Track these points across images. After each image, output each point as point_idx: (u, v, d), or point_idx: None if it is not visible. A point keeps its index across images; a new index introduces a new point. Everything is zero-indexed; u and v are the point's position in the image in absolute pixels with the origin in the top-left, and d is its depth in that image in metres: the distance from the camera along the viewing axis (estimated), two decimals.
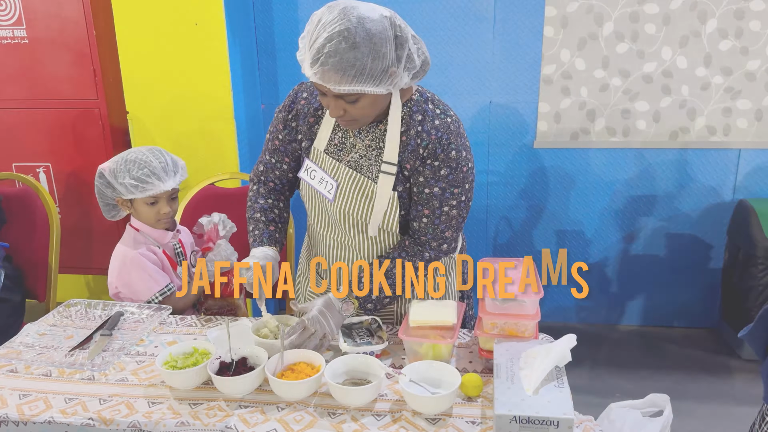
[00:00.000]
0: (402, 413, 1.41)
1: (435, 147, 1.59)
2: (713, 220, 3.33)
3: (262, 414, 1.42)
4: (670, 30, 3.07)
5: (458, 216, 1.67)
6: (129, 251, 1.98)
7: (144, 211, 1.99)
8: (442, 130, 1.59)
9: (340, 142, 1.69)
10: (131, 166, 1.93)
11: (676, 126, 3.20)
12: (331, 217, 1.75)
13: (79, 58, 3.15)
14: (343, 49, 1.39)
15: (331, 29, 1.39)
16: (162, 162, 1.95)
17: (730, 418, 2.75)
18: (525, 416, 1.23)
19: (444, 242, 1.70)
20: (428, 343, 1.54)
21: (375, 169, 1.66)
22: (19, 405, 1.48)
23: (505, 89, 3.26)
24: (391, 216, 1.68)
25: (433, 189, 1.62)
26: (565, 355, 1.36)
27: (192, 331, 1.81)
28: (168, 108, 3.13)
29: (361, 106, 1.51)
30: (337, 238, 1.77)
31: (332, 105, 1.51)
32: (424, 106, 1.62)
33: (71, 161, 3.34)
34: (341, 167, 1.68)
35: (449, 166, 1.60)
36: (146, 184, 1.93)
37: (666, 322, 3.55)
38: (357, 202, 1.68)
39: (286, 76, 3.40)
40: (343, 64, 1.40)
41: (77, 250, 3.42)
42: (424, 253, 1.70)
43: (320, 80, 1.44)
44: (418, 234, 1.69)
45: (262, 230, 1.79)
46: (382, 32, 1.42)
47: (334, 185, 1.68)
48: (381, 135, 1.65)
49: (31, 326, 1.84)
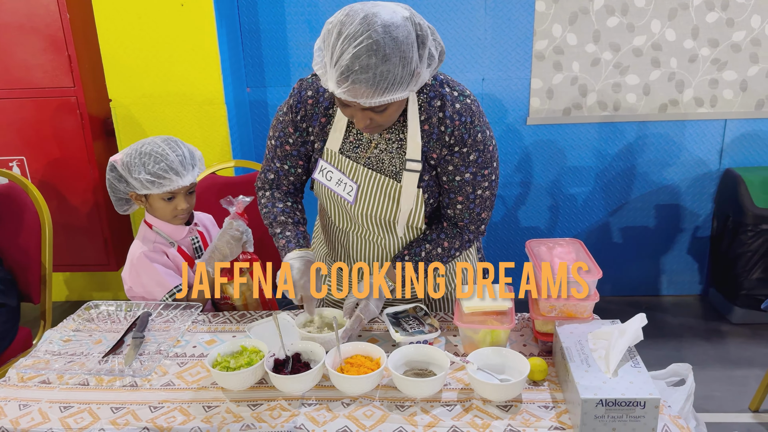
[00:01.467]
0: (471, 402, 1.39)
1: (461, 132, 1.54)
2: (701, 190, 3.41)
3: (329, 411, 1.37)
4: (659, 3, 3.09)
5: (491, 196, 1.65)
6: (137, 250, 1.88)
7: (160, 207, 1.88)
8: (465, 114, 1.54)
9: (356, 139, 1.62)
10: (146, 159, 1.81)
11: (665, 98, 3.25)
12: (354, 219, 1.69)
13: (52, 43, 2.96)
14: (374, 64, 1.31)
15: (358, 44, 1.30)
16: (180, 155, 1.84)
17: (731, 381, 2.85)
18: (611, 399, 1.22)
19: (482, 224, 1.68)
20: (486, 329, 1.51)
21: (398, 164, 1.60)
22: (62, 419, 1.39)
23: (497, 66, 3.24)
24: (418, 213, 1.64)
25: (465, 175, 1.59)
26: (638, 334, 1.36)
27: (229, 328, 1.74)
28: (154, 94, 2.99)
29: (389, 113, 1.44)
30: (361, 235, 1.73)
31: (359, 116, 1.43)
32: (440, 90, 1.55)
33: (48, 154, 3.15)
34: (359, 168, 1.61)
35: (477, 149, 1.56)
36: (163, 179, 1.81)
37: (656, 291, 3.64)
38: (380, 204, 1.63)
39: (272, 58, 3.29)
40: (376, 79, 1.32)
41: (58, 247, 3.24)
42: (464, 236, 1.68)
43: (350, 96, 1.36)
44: (454, 220, 1.67)
45: (294, 231, 1.68)
46: (408, 37, 1.34)
47: (354, 187, 1.62)
48: (401, 127, 1.58)
49: (52, 332, 1.73)
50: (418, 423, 1.33)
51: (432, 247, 1.66)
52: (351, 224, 1.72)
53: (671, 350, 3.08)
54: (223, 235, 1.89)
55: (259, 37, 3.26)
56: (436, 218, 1.72)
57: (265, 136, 3.41)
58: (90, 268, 3.45)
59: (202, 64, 2.92)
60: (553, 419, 1.33)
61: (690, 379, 1.67)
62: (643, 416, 1.23)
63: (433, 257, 1.66)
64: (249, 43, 3.27)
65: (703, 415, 2.38)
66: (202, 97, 2.97)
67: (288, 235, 1.68)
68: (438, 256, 1.66)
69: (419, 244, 1.67)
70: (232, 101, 3.08)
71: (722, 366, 2.97)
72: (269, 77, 3.33)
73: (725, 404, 2.69)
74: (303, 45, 3.24)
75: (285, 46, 3.26)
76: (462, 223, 1.66)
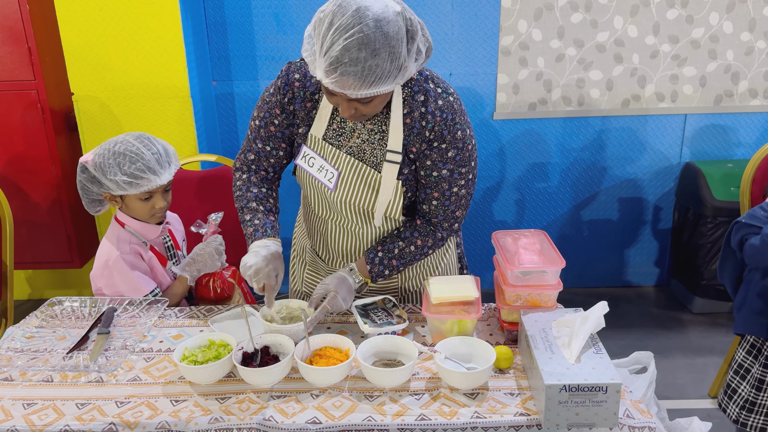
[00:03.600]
0: (439, 390, 1.41)
1: (441, 129, 1.56)
2: (662, 183, 3.50)
3: (297, 403, 1.38)
4: None
5: (467, 194, 1.66)
6: (113, 251, 1.83)
7: (137, 206, 1.85)
8: (447, 111, 1.56)
9: (339, 127, 1.63)
10: (121, 160, 1.77)
11: (627, 94, 3.32)
12: (333, 206, 1.70)
13: (10, 35, 2.89)
14: (364, 58, 1.32)
15: (349, 36, 1.31)
16: (155, 153, 1.80)
17: (691, 368, 2.93)
18: (574, 384, 1.25)
19: (455, 222, 1.69)
20: (453, 319, 1.53)
21: (379, 155, 1.62)
22: (26, 416, 1.37)
23: (464, 61, 3.27)
24: (396, 205, 1.65)
25: (442, 171, 1.60)
26: (600, 322, 1.39)
27: (196, 322, 1.73)
28: (118, 88, 2.94)
29: (374, 104, 1.46)
30: (340, 224, 1.73)
31: (344, 106, 1.45)
32: (425, 85, 1.57)
33: (8, 149, 3.07)
34: (341, 155, 1.62)
35: (456, 147, 1.58)
36: (141, 179, 1.77)
37: (619, 281, 3.72)
38: (360, 192, 1.64)
39: (238, 51, 3.26)
40: (364, 72, 1.34)
41: (19, 245, 3.17)
42: (437, 233, 1.69)
43: (337, 87, 1.38)
44: (428, 216, 1.68)
45: (263, 220, 1.67)
46: (398, 32, 1.35)
47: (335, 174, 1.63)
48: (384, 119, 1.60)
49: (14, 329, 1.70)
50: (387, 412, 1.34)
51: (405, 245, 1.67)
52: (330, 212, 1.72)
53: (634, 339, 3.15)
54: (207, 247, 1.90)
55: (225, 30, 3.23)
56: (413, 212, 1.73)
57: (232, 130, 3.39)
58: (53, 265, 3.38)
59: (166, 56, 2.88)
60: (518, 406, 1.35)
61: (651, 367, 1.72)
62: (605, 401, 1.26)
63: (406, 254, 1.67)
64: (215, 36, 3.24)
65: (665, 401, 2.44)
66: (167, 90, 2.93)
67: (257, 223, 1.66)
68: (411, 254, 1.68)
69: (393, 241, 1.68)
70: (198, 95, 3.05)
71: (683, 354, 3.05)
72: (235, 71, 3.30)
73: (686, 391, 2.77)
74: (270, 38, 3.22)
75: (251, 39, 3.23)
76: (436, 219, 1.68)
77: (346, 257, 1.78)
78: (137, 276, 1.82)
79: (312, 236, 1.85)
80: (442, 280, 1.65)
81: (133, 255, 1.85)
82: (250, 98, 3.33)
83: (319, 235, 1.81)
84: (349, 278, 1.64)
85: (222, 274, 1.95)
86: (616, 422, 1.28)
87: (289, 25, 3.18)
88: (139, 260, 1.86)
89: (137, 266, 1.84)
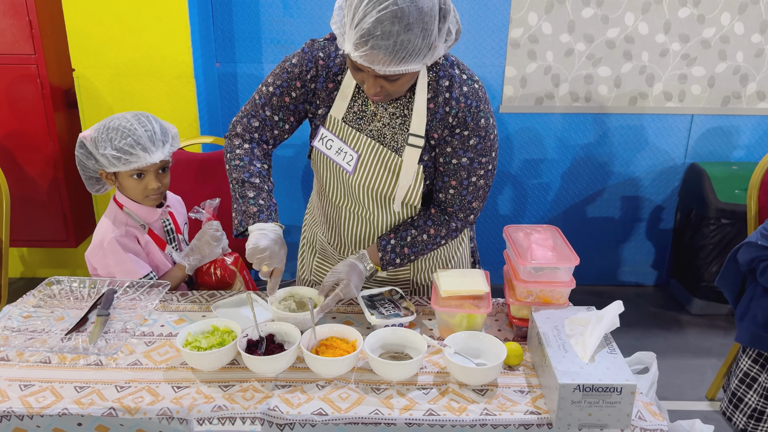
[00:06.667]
0: (448, 385, 1.38)
1: (465, 115, 1.53)
2: (665, 183, 3.47)
3: (303, 393, 1.35)
4: None
5: (485, 186, 1.63)
6: (108, 232, 1.78)
7: (130, 186, 1.80)
8: (472, 98, 1.53)
9: (360, 110, 1.59)
10: (113, 134, 1.72)
11: (635, 91, 3.29)
12: (349, 190, 1.65)
13: (11, 8, 2.82)
14: (396, 32, 1.29)
15: (382, 9, 1.27)
16: (149, 130, 1.75)
17: (688, 369, 2.92)
18: (588, 384, 1.22)
19: (471, 213, 1.66)
20: (463, 313, 1.50)
21: (400, 139, 1.58)
22: (23, 397, 1.33)
23: (473, 52, 3.23)
24: (416, 190, 1.61)
25: (461, 159, 1.57)
26: (614, 321, 1.37)
27: (198, 308, 1.69)
28: (120, 65, 2.88)
29: (400, 83, 1.42)
30: (355, 211, 1.69)
31: (370, 83, 1.41)
32: (450, 71, 1.54)
33: (5, 124, 3.01)
34: (362, 138, 1.58)
35: (478, 135, 1.55)
36: (130, 155, 1.72)
37: (619, 280, 3.70)
38: (380, 176, 1.60)
39: (243, 33, 3.20)
40: (395, 47, 1.30)
41: (14, 222, 3.11)
42: (451, 223, 1.65)
43: (366, 62, 1.34)
44: (444, 205, 1.64)
45: (267, 201, 1.60)
46: (432, 9, 1.32)
47: (355, 156, 1.59)
48: (406, 102, 1.57)
49: (11, 308, 1.65)
50: (395, 406, 1.31)
51: (417, 233, 1.64)
52: (345, 198, 1.68)
53: (632, 339, 3.14)
54: (203, 236, 1.85)
55: (231, 11, 3.17)
56: (428, 203, 1.70)
57: (233, 113, 3.33)
58: (47, 243, 3.32)
59: (171, 35, 2.82)
60: (528, 404, 1.33)
61: (654, 367, 1.70)
62: (619, 402, 1.23)
63: (418, 243, 1.64)
64: (220, 17, 3.18)
65: (663, 402, 2.44)
66: (170, 70, 2.88)
67: (261, 204, 1.58)
68: (423, 243, 1.64)
69: (406, 228, 1.64)
70: (202, 76, 2.99)
71: (681, 355, 3.04)
72: (240, 53, 3.24)
73: (684, 392, 2.76)
74: (276, 21, 3.16)
75: (257, 21, 3.18)
76: (451, 209, 1.64)
77: (358, 246, 1.74)
78: (131, 259, 1.78)
79: (324, 224, 1.80)
80: (451, 273, 1.62)
81: (128, 238, 1.80)
82: (254, 81, 3.28)
83: (332, 222, 1.77)
84: (360, 265, 1.61)
85: (224, 260, 1.91)
86: (629, 424, 1.26)
87: (296, 8, 3.12)
88: (134, 243, 1.81)
89: (131, 249, 1.79)
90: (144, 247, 1.84)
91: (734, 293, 1.99)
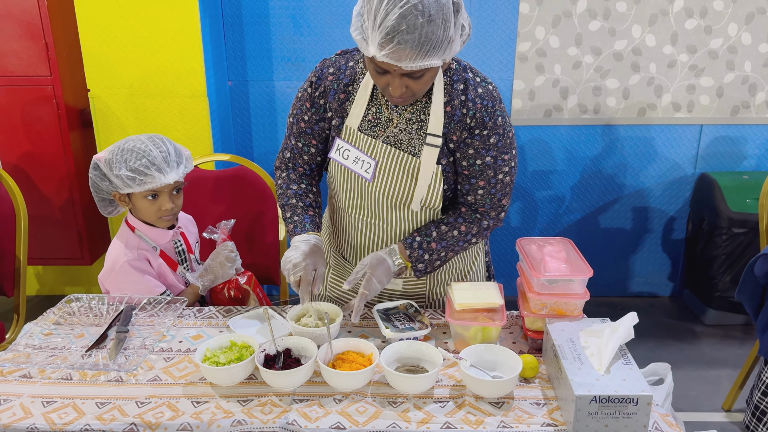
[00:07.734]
0: (464, 398, 1.39)
1: (482, 115, 1.56)
2: (676, 193, 3.48)
3: (320, 407, 1.36)
4: (640, 8, 3.14)
5: (511, 182, 1.66)
6: (120, 256, 1.81)
7: (144, 207, 1.82)
8: (487, 98, 1.57)
9: (375, 117, 1.62)
10: (128, 155, 1.75)
11: (643, 102, 3.30)
12: (367, 199, 1.68)
13: (28, 30, 2.88)
14: (420, 24, 1.32)
15: (403, 5, 1.31)
16: (163, 151, 1.78)
17: (704, 380, 2.91)
18: (605, 396, 1.23)
19: (502, 210, 1.69)
20: (477, 326, 1.52)
21: (417, 143, 1.61)
22: (46, 414, 1.35)
23: (481, 66, 3.25)
24: (435, 191, 1.63)
25: (485, 159, 1.60)
26: (629, 333, 1.38)
27: (215, 323, 1.71)
28: (135, 86, 2.93)
29: (425, 80, 1.45)
30: (372, 222, 1.71)
31: (396, 83, 1.44)
32: (464, 74, 1.58)
33: (21, 145, 3.07)
34: (378, 144, 1.61)
35: (497, 133, 1.58)
36: (145, 176, 1.75)
37: (631, 291, 3.69)
38: (398, 181, 1.62)
39: (255, 52, 3.25)
40: (421, 39, 1.33)
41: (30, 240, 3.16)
42: (482, 222, 1.68)
43: (392, 59, 1.36)
44: (475, 206, 1.67)
45: (302, 216, 1.69)
46: (448, 1, 1.36)
47: (373, 164, 1.61)
48: (422, 107, 1.60)
49: (32, 326, 1.68)
50: (412, 419, 1.32)
51: (448, 229, 1.65)
52: (361, 210, 1.71)
53: (646, 350, 3.13)
54: (217, 256, 1.89)
55: (242, 30, 3.22)
56: (450, 207, 1.72)
57: (246, 131, 3.38)
58: (63, 261, 3.36)
59: (184, 55, 2.87)
60: (545, 416, 1.33)
61: (669, 378, 1.70)
62: (635, 413, 1.24)
63: (447, 238, 1.65)
64: (231, 36, 3.23)
65: (679, 414, 2.43)
66: (184, 89, 2.92)
67: (296, 219, 1.68)
68: (454, 239, 1.65)
69: (429, 226, 1.66)
70: (214, 94, 3.04)
71: (696, 366, 3.03)
72: (251, 71, 3.29)
73: (699, 403, 2.74)
74: (287, 39, 3.21)
75: (268, 39, 3.22)
76: (483, 209, 1.67)
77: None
78: (146, 279, 1.80)
79: (338, 238, 1.83)
80: (465, 287, 1.63)
81: (141, 261, 1.82)
82: (265, 98, 3.32)
83: (347, 235, 1.79)
84: (389, 259, 1.63)
85: (237, 281, 1.93)
86: None
87: (306, 26, 3.17)
88: (146, 265, 1.83)
89: (144, 271, 1.82)
90: (156, 269, 1.86)
91: (754, 306, 1.98)
